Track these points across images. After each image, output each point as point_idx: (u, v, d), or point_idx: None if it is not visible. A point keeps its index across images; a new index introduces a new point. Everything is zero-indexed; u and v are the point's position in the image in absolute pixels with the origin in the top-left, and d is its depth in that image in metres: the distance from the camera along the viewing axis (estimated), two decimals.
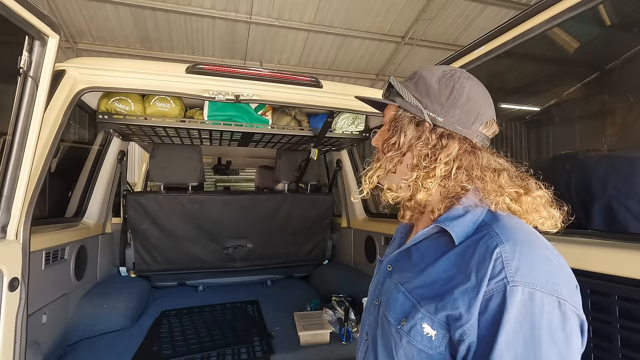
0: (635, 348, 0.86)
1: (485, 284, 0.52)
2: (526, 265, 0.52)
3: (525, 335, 0.50)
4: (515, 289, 0.50)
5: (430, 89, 0.68)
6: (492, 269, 0.53)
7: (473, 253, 0.56)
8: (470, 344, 0.53)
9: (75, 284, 1.85)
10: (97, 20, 5.61)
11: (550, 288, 0.51)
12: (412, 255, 0.68)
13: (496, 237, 0.56)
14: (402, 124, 0.69)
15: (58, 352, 1.64)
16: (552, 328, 0.50)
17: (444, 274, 0.59)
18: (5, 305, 1.01)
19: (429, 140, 0.66)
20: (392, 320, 0.63)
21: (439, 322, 0.56)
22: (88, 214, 2.19)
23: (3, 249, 1.02)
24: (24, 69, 0.99)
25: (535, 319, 0.50)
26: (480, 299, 0.52)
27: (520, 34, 1.16)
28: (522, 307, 0.50)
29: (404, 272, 0.67)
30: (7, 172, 1.03)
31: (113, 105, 1.79)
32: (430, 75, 0.69)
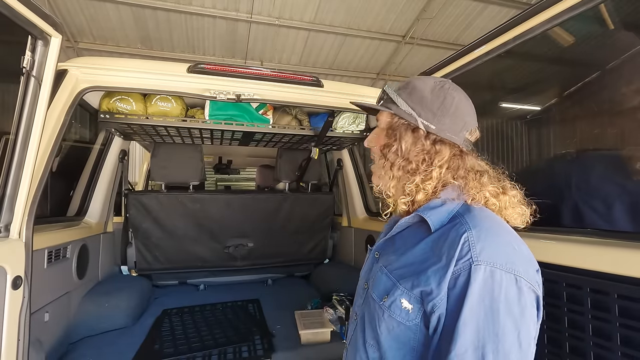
0: (633, 346, 0.87)
1: (454, 263, 0.61)
2: (489, 247, 0.60)
3: (485, 307, 0.58)
4: (479, 267, 0.59)
5: (424, 99, 0.75)
6: (459, 251, 0.61)
7: (446, 238, 0.65)
8: (440, 315, 0.61)
9: (77, 282, 1.86)
10: (97, 19, 5.62)
11: (508, 267, 0.59)
12: (396, 242, 0.77)
13: (465, 225, 0.64)
14: (400, 131, 0.76)
15: (60, 350, 1.65)
16: (508, 301, 0.58)
17: (420, 256, 0.68)
18: (9, 303, 1.02)
19: (424, 146, 0.74)
20: (376, 297, 0.72)
21: (415, 297, 0.65)
22: (90, 213, 2.19)
23: (6, 247, 1.03)
24: (27, 68, 1.00)
25: (495, 292, 0.58)
26: (449, 276, 0.61)
27: (520, 33, 1.16)
28: (484, 283, 0.58)
29: (388, 257, 0.76)
30: (10, 172, 1.04)
31: (115, 104, 1.79)
32: (423, 85, 0.76)
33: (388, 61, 6.96)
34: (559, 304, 1.04)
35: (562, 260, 1.04)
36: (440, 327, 0.62)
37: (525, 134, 1.65)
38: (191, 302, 2.37)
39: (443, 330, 0.61)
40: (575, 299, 1.00)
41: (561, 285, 1.03)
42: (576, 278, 0.99)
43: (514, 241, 0.64)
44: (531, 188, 0.78)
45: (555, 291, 1.04)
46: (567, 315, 1.02)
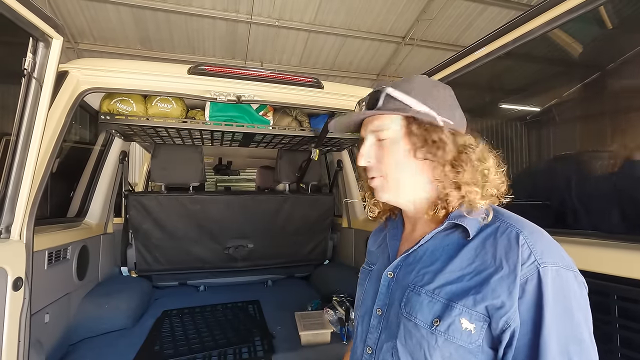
0: (633, 347, 0.87)
1: (520, 269, 0.57)
2: (547, 248, 0.58)
3: (561, 309, 0.55)
4: (547, 268, 0.56)
5: (434, 95, 0.69)
6: (521, 255, 0.57)
7: (495, 243, 0.61)
8: (515, 328, 0.56)
9: (77, 283, 1.86)
10: (98, 20, 5.63)
11: (567, 264, 0.58)
12: (421, 257, 0.69)
13: (512, 227, 0.61)
14: (429, 132, 0.67)
15: (60, 352, 1.65)
16: (576, 297, 0.57)
17: (468, 267, 0.62)
18: (9, 304, 1.02)
19: (458, 143, 0.68)
20: (422, 323, 0.62)
21: (477, 315, 0.58)
22: (90, 214, 2.19)
23: (7, 248, 1.03)
24: (28, 70, 1.00)
25: (565, 292, 0.56)
26: (518, 283, 0.56)
27: (520, 35, 1.17)
28: (554, 284, 0.56)
29: (417, 274, 0.67)
30: (11, 173, 1.04)
31: (115, 105, 1.80)
32: (424, 82, 0.71)
33: (388, 62, 6.97)
34: None
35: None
36: (514, 342, 0.56)
37: (525, 135, 1.66)
38: (191, 303, 2.36)
39: (520, 343, 0.56)
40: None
41: None
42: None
43: (552, 238, 0.62)
44: (533, 189, 0.77)
45: None
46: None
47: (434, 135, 0.67)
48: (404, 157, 0.69)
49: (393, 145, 0.70)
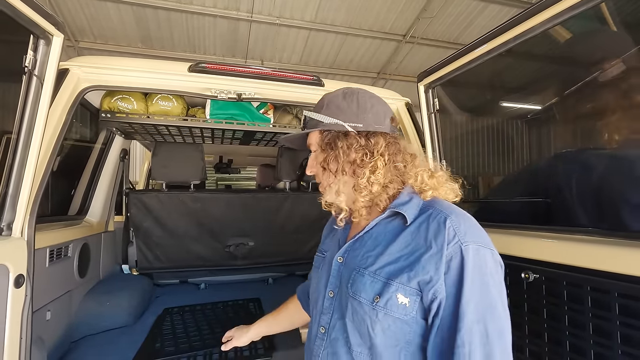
0: (633, 344, 0.87)
1: (446, 247, 0.66)
2: (469, 229, 0.68)
3: (479, 281, 0.64)
4: (468, 247, 0.65)
5: (341, 107, 0.82)
6: (447, 235, 0.67)
7: (427, 227, 0.70)
8: (441, 300, 0.65)
9: (78, 281, 1.87)
10: (98, 18, 5.62)
11: (486, 243, 0.68)
12: (366, 242, 0.79)
13: (442, 212, 0.71)
14: (333, 140, 0.81)
15: (62, 349, 1.65)
16: (492, 272, 0.66)
17: (405, 249, 0.71)
18: (11, 301, 1.02)
19: (360, 143, 0.79)
20: (365, 300, 0.72)
21: (411, 290, 0.67)
22: (91, 212, 2.20)
23: (9, 246, 1.03)
24: (29, 67, 1.00)
25: (482, 267, 0.65)
26: (444, 260, 0.66)
27: (521, 32, 1.16)
28: (474, 260, 0.65)
29: (362, 258, 0.76)
30: (13, 170, 1.04)
31: (116, 103, 1.80)
32: (334, 98, 0.84)
33: (389, 60, 6.96)
34: (559, 303, 1.04)
35: (562, 259, 1.05)
36: (441, 312, 0.65)
37: (525, 133, 1.65)
38: (192, 301, 2.37)
39: (445, 312, 0.65)
40: (576, 297, 1.00)
41: (561, 284, 1.04)
42: (577, 277, 1.00)
43: (475, 221, 0.72)
44: (533, 186, 0.79)
45: (555, 290, 1.05)
46: (567, 314, 1.02)
47: (334, 142, 0.80)
48: (322, 166, 0.83)
49: (318, 157, 0.86)
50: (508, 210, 1.36)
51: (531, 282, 1.06)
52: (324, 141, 0.83)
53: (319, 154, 0.85)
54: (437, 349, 0.65)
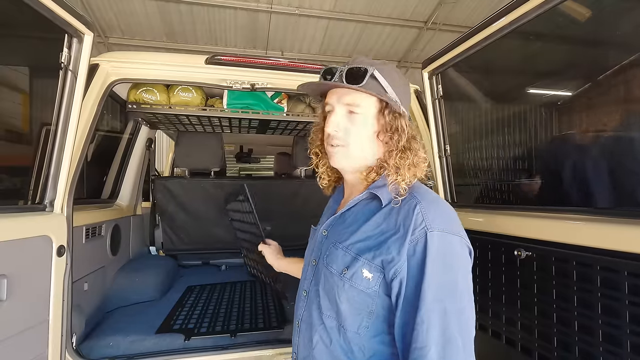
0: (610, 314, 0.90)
1: (411, 232, 0.70)
2: (437, 215, 0.71)
3: (442, 265, 0.68)
4: (433, 233, 0.69)
5: (400, 85, 0.80)
6: (415, 220, 0.70)
7: (399, 210, 0.74)
8: (402, 279, 0.69)
9: (111, 258, 2.06)
10: (125, 15, 5.87)
11: (454, 230, 0.71)
12: (346, 219, 0.83)
13: (415, 198, 0.74)
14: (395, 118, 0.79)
15: (97, 317, 1.85)
16: (457, 257, 0.70)
17: (376, 229, 0.75)
18: (55, 268, 1.18)
19: (411, 129, 0.81)
20: (335, 271, 0.77)
21: (375, 266, 0.72)
22: (121, 197, 2.39)
23: (52, 220, 1.18)
24: (65, 63, 1.13)
25: (447, 252, 0.69)
26: (407, 243, 0.69)
27: (525, 12, 1.14)
28: (438, 245, 0.68)
29: (340, 233, 0.81)
30: (53, 155, 1.19)
31: (141, 95, 1.94)
32: (394, 71, 0.81)
33: (410, 48, 6.84)
34: (568, 283, 1.03)
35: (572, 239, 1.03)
36: (403, 291, 0.69)
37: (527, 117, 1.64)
38: (213, 281, 2.54)
39: (407, 292, 0.69)
40: (586, 277, 0.99)
41: (571, 264, 1.02)
42: (586, 257, 0.99)
43: (449, 209, 0.76)
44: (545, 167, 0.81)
45: (565, 270, 1.04)
46: (576, 294, 1.02)
47: (397, 122, 0.79)
48: (369, 134, 0.80)
49: (363, 122, 0.80)
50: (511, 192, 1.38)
51: (523, 259, 1.10)
52: (384, 113, 0.79)
53: (369, 121, 0.79)
54: (401, 326, 0.70)
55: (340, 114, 0.81)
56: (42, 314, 1.14)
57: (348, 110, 0.80)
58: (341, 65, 0.81)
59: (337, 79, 0.80)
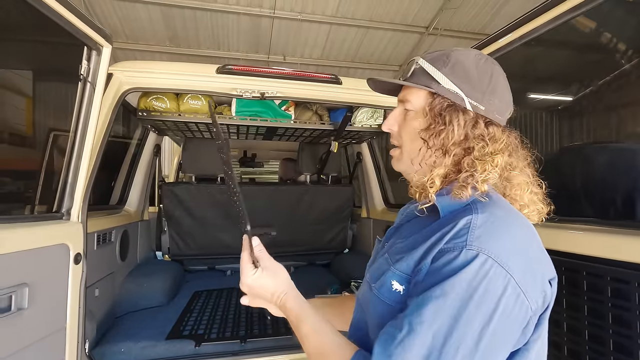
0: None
1: (445, 240, 0.56)
2: (489, 235, 0.55)
3: (460, 290, 0.52)
4: (470, 252, 0.53)
5: (470, 75, 0.65)
6: (456, 231, 0.56)
7: (449, 220, 0.60)
8: (415, 283, 0.58)
9: (120, 264, 2.08)
10: (129, 20, 5.91)
11: (503, 261, 0.53)
12: (403, 230, 0.73)
13: (474, 210, 0.59)
14: (446, 112, 0.65)
15: (108, 322, 1.86)
16: (487, 293, 0.51)
17: (420, 239, 0.62)
18: (72, 276, 1.20)
19: (482, 131, 0.65)
20: (370, 280, 0.69)
21: (406, 277, 0.60)
22: (129, 202, 2.41)
23: (69, 228, 1.21)
24: (84, 75, 1.16)
25: (476, 281, 0.52)
26: (436, 250, 0.57)
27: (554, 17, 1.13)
28: (470, 267, 0.53)
29: (393, 243, 0.71)
30: (71, 164, 1.21)
31: (151, 103, 1.97)
32: (466, 59, 0.66)
33: (411, 53, 6.88)
34: (579, 293, 1.02)
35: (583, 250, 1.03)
36: None
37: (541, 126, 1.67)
38: (219, 286, 2.55)
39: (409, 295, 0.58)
40: (596, 288, 0.98)
41: (582, 274, 1.01)
42: (597, 267, 0.98)
43: (527, 239, 0.59)
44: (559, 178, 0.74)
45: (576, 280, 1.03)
46: (587, 304, 1.00)
47: (448, 117, 0.65)
48: (418, 133, 0.68)
49: (413, 119, 0.70)
50: None
51: None
52: (432, 107, 0.66)
53: (419, 118, 0.69)
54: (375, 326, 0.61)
55: (396, 112, 0.73)
56: (60, 321, 1.16)
57: (404, 108, 0.72)
58: None
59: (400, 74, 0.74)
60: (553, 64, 1.52)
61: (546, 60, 1.52)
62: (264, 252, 0.80)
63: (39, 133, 1.60)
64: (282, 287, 0.74)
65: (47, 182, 1.23)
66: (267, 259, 0.79)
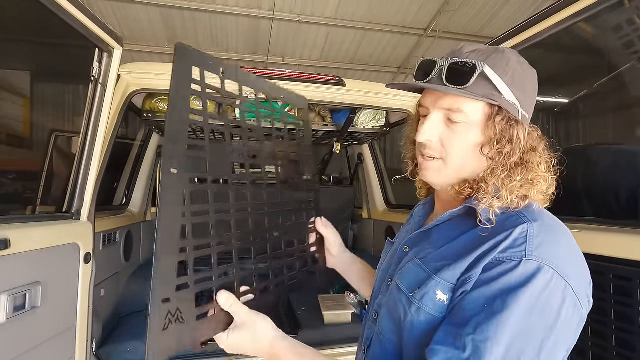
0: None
1: (501, 248, 0.53)
2: (548, 245, 0.53)
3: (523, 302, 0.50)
4: (531, 262, 0.51)
5: (524, 84, 0.62)
6: (513, 240, 0.53)
7: (498, 229, 0.56)
8: (463, 292, 0.55)
9: (124, 264, 2.09)
10: (128, 20, 5.91)
11: (562, 271, 0.52)
12: (433, 235, 0.68)
13: (524, 218, 0.56)
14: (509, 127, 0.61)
15: (113, 322, 1.87)
16: (549, 305, 0.51)
17: (462, 248, 0.59)
18: (82, 275, 1.21)
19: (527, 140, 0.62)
20: (404, 289, 0.63)
21: (451, 287, 0.57)
22: (132, 203, 2.42)
23: (79, 228, 1.22)
24: (95, 77, 1.17)
25: (538, 291, 0.50)
26: (488, 259, 0.53)
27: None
28: (529, 279, 0.51)
29: (423, 249, 0.66)
30: (81, 165, 1.23)
31: (156, 104, 1.98)
32: (519, 65, 0.61)
33: (410, 55, 6.93)
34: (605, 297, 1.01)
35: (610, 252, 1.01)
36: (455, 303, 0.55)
37: None
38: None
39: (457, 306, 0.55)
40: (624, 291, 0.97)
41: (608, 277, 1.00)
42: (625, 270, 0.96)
43: (574, 246, 0.57)
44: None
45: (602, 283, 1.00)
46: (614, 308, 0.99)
47: (511, 132, 0.60)
48: (471, 147, 0.62)
49: (466, 132, 0.62)
50: None
51: None
52: (495, 122, 0.60)
53: (474, 130, 0.62)
54: None
55: (436, 120, 0.64)
56: (71, 320, 1.17)
57: (447, 117, 0.63)
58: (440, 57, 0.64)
59: (436, 75, 0.62)
60: None
61: None
62: (236, 306, 0.72)
63: (39, 134, 1.61)
64: (265, 339, 0.68)
65: (57, 182, 1.25)
66: (243, 313, 0.71)
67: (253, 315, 0.70)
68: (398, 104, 1.95)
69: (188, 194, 0.66)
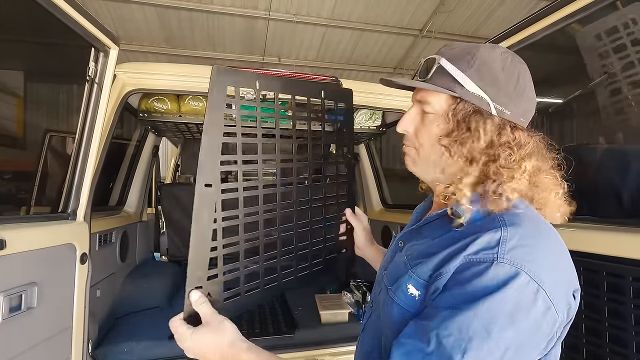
0: None
1: (472, 250, 0.53)
2: (522, 248, 0.53)
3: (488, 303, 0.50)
4: (502, 265, 0.51)
5: (497, 78, 0.61)
6: (486, 242, 0.53)
7: (473, 230, 0.57)
8: (435, 290, 0.55)
9: (120, 265, 2.08)
10: (124, 20, 5.88)
11: (535, 274, 0.51)
12: (423, 232, 0.69)
13: (501, 222, 0.56)
14: (469, 118, 0.61)
15: (109, 323, 1.86)
16: (518, 307, 0.50)
17: (438, 246, 0.60)
18: (78, 275, 1.21)
19: (508, 137, 0.61)
20: (387, 282, 0.67)
21: (423, 283, 0.58)
22: (128, 203, 2.41)
23: (76, 228, 1.21)
24: (92, 76, 1.17)
25: (507, 294, 0.50)
26: (459, 258, 0.54)
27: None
28: (499, 282, 0.50)
29: (412, 245, 0.68)
30: (77, 165, 1.22)
31: (152, 104, 1.98)
32: (493, 60, 0.61)
33: (405, 55, 6.96)
34: (598, 294, 1.02)
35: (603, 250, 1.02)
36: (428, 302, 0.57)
37: None
38: None
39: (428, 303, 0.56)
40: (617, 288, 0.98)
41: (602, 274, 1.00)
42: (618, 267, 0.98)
43: (555, 252, 0.57)
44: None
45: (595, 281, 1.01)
46: (607, 305, 1.00)
47: (472, 123, 0.61)
48: (439, 139, 0.64)
49: (432, 123, 0.65)
50: None
51: None
52: (456, 113, 0.62)
53: (439, 122, 0.64)
54: None
55: (413, 113, 0.69)
56: (67, 321, 1.17)
57: (421, 109, 0.68)
58: None
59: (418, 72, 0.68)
60: None
61: None
62: (205, 306, 0.74)
63: (33, 134, 1.60)
64: (226, 338, 0.70)
65: (52, 183, 1.24)
66: (210, 314, 0.73)
67: (219, 317, 0.73)
68: (394, 104, 1.95)
69: (219, 204, 0.75)
